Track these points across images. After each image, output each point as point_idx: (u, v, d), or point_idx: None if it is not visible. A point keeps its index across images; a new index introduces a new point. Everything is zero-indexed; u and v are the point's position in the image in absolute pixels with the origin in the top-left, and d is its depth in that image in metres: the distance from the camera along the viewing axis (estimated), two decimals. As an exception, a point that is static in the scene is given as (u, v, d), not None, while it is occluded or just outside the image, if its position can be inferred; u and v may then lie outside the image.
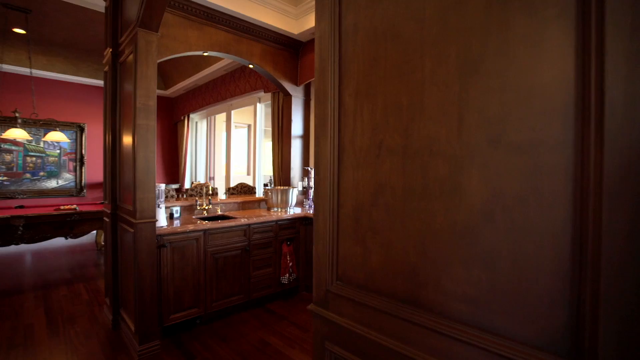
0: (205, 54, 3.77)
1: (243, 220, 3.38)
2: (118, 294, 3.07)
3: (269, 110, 6.08)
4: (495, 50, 0.71)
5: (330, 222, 1.02)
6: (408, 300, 0.86)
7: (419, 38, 0.83)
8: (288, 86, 4.51)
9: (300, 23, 4.23)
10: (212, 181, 6.76)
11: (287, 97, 4.63)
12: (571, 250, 0.62)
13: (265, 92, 5.11)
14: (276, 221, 3.65)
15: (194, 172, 7.12)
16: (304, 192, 4.54)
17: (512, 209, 0.69)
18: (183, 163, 6.92)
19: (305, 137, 4.78)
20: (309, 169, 4.46)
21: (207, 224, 3.11)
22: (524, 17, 0.67)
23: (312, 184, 4.42)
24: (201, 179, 7.02)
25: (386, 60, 0.89)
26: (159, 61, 3.16)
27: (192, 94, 6.72)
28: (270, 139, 6.30)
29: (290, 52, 4.54)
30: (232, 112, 6.19)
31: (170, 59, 5.14)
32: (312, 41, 4.46)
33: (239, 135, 7.49)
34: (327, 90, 1.03)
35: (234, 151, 6.42)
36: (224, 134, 7.09)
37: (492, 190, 0.72)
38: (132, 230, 2.65)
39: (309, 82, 4.77)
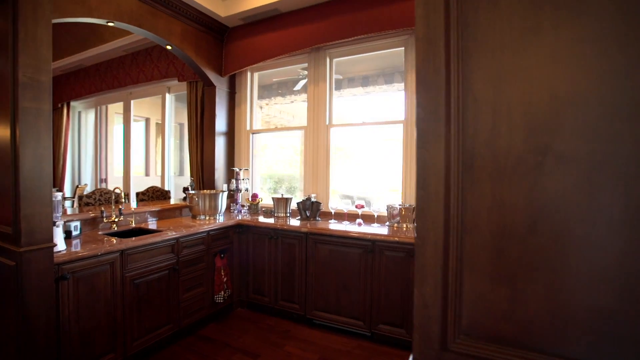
0: (111, 24, 2.89)
1: (170, 234, 2.69)
2: (-18, 353, 2.07)
3: (180, 102, 5.21)
4: None
5: (450, 254, 0.70)
6: (593, 362, 0.61)
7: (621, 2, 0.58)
8: (212, 76, 3.86)
9: (227, 5, 3.64)
10: (103, 184, 5.45)
11: (210, 88, 3.96)
12: None
13: (179, 80, 4.30)
14: (207, 231, 3.04)
15: (76, 173, 5.63)
16: (231, 195, 3.96)
17: None
18: (62, 162, 5.38)
19: (229, 134, 4.19)
20: (237, 169, 3.90)
21: (123, 242, 2.35)
22: None
23: (241, 186, 3.89)
24: (88, 181, 5.59)
25: (556, 32, 0.62)
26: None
27: (74, 76, 5.27)
28: (175, 135, 5.42)
29: (214, 37, 3.89)
30: (132, 102, 5.08)
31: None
32: (239, 27, 3.91)
33: (135, 131, 6.25)
34: (441, 69, 0.70)
35: (131, 149, 5.29)
36: (118, 127, 5.82)
37: None
38: (12, 263, 1.77)
39: (234, 74, 4.19)
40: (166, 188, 4.69)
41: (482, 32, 0.68)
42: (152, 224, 3.07)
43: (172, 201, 3.95)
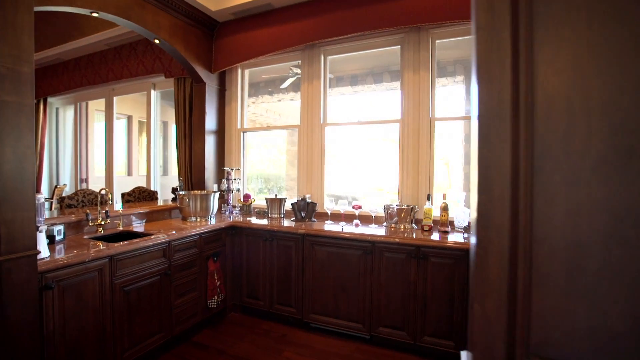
0: (95, 14, 2.70)
1: (162, 237, 2.53)
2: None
3: (164, 100, 5.01)
4: None
5: (518, 266, 0.62)
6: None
7: None
8: (202, 72, 3.70)
9: (218, -1, 3.49)
10: (84, 184, 5.15)
11: (200, 85, 3.80)
12: None
13: (166, 77, 4.10)
14: (200, 234, 2.89)
15: (54, 173, 5.30)
16: (221, 196, 3.81)
17: None
18: (38, 162, 5.06)
19: (219, 133, 4.03)
20: (228, 169, 3.76)
21: (112, 247, 2.18)
22: None
23: (232, 186, 3.74)
24: (67, 181, 5.28)
25: (643, 18, 0.55)
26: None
27: (52, 71, 4.96)
28: (148, 133, 5.19)
29: (204, 32, 3.73)
30: (115, 98, 4.83)
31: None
32: (230, 22, 3.76)
33: (116, 129, 5.94)
34: (506, 60, 0.63)
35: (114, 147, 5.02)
36: (99, 125, 5.54)
37: None
38: (-9, 272, 1.60)
39: (224, 71, 4.04)
40: (152, 188, 4.48)
41: (555, 21, 0.61)
42: (140, 227, 2.90)
43: (160, 202, 3.77)
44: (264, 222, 3.26)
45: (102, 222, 2.62)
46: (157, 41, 3.26)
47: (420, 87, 3.08)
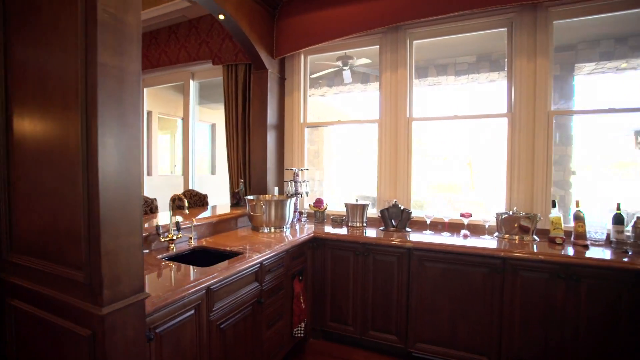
0: (164, -24, 2.09)
1: (254, 256, 1.95)
2: None
3: (181, 93, 4.39)
4: None
5: None
6: None
7: None
8: (265, 57, 3.11)
9: (288, -29, 2.90)
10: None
11: (261, 71, 3.20)
12: None
13: (214, 64, 3.49)
14: (287, 250, 2.31)
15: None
16: (281, 200, 3.22)
17: None
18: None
19: (279, 128, 3.44)
20: (296, 170, 3.18)
21: (210, 274, 1.60)
22: None
23: (301, 189, 3.17)
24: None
25: None
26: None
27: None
28: (172, 130, 4.56)
29: (267, 10, 3.14)
30: (145, 90, 4.18)
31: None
32: (295, 0, 3.17)
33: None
34: None
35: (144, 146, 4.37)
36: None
37: None
38: (86, 332, 1.00)
39: (283, 58, 3.45)
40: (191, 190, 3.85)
41: None
42: (210, 241, 2.30)
43: (210, 207, 3.18)
44: (343, 231, 2.72)
45: (174, 237, 2.03)
46: (221, 17, 2.66)
47: (537, 75, 2.57)
